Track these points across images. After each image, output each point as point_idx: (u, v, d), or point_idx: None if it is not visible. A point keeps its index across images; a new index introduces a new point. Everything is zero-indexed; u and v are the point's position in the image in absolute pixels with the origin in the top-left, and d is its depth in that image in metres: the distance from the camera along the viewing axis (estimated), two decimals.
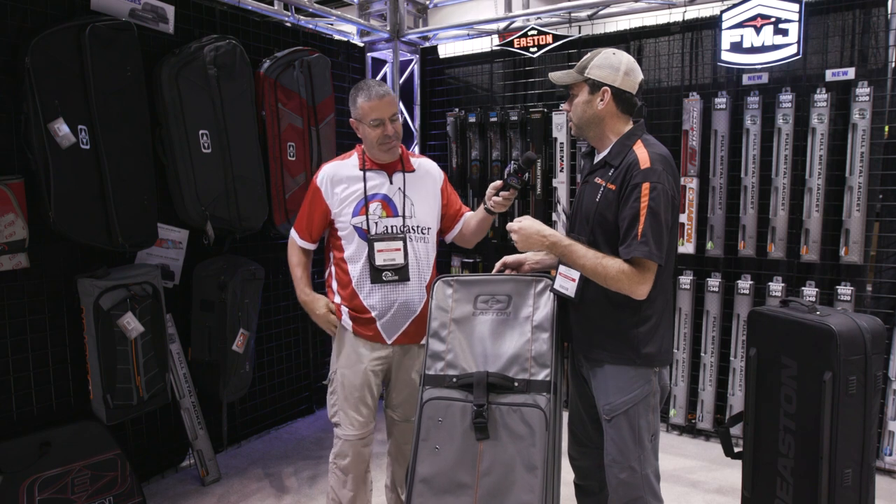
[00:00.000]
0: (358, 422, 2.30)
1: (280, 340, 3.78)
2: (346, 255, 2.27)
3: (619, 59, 1.85)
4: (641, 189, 1.72)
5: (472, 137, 4.10)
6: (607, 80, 1.85)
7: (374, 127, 2.20)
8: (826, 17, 3.18)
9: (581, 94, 1.89)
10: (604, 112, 1.86)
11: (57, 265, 2.68)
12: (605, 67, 1.85)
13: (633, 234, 1.72)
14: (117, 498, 2.65)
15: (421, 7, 4.29)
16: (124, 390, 2.65)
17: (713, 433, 3.52)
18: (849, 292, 3.08)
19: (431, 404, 1.87)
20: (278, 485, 3.14)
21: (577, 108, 1.90)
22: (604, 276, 1.76)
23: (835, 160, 3.14)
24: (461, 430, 1.82)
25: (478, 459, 1.81)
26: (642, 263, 1.73)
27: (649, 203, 1.71)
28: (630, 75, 1.85)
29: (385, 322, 2.27)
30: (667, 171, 1.77)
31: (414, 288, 2.27)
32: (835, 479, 1.93)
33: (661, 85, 3.63)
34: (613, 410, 1.85)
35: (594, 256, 1.78)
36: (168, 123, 2.81)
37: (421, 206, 2.32)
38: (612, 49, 1.89)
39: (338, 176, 2.28)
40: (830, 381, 1.90)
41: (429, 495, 1.80)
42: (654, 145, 1.84)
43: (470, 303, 1.96)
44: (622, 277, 1.73)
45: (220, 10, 3.24)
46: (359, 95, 2.23)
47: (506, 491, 1.77)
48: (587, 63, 1.88)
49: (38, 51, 2.38)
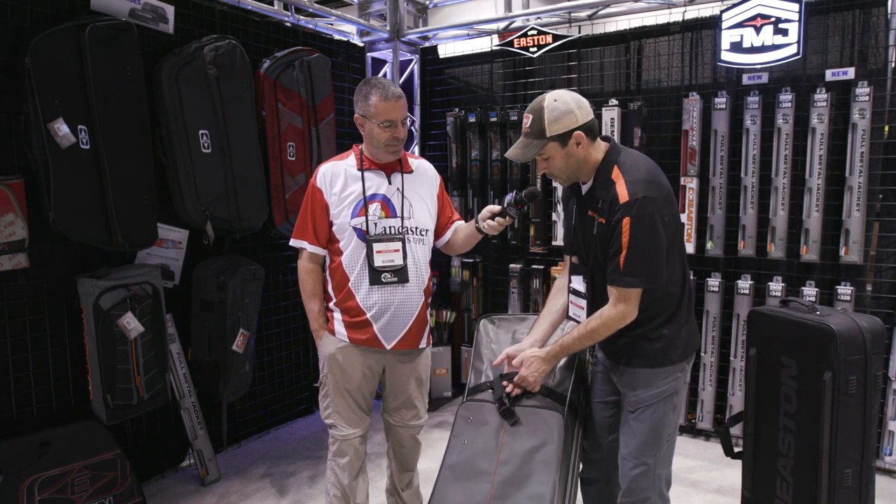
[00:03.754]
0: (353, 420, 2.28)
1: (280, 340, 3.78)
2: (343, 257, 2.21)
3: (565, 101, 1.81)
4: (622, 225, 1.77)
5: (472, 137, 4.10)
6: (571, 126, 1.81)
7: (385, 128, 2.14)
8: (826, 17, 3.18)
9: (555, 154, 1.84)
10: (584, 152, 1.85)
11: (57, 265, 2.68)
12: (562, 117, 1.80)
13: (615, 266, 1.80)
14: (117, 498, 2.65)
15: (421, 7, 4.29)
16: (124, 390, 2.65)
17: (713, 433, 3.52)
18: (849, 292, 3.08)
19: (465, 405, 2.08)
20: (278, 485, 3.14)
21: (560, 166, 1.86)
22: (602, 334, 1.87)
23: (835, 160, 3.14)
24: (487, 426, 2.00)
25: (498, 451, 1.94)
26: (618, 295, 1.82)
27: (629, 239, 1.77)
28: (582, 107, 1.83)
29: (382, 325, 2.20)
30: (649, 190, 1.77)
31: (412, 290, 2.23)
32: (835, 479, 1.93)
33: (661, 85, 3.63)
34: (640, 403, 1.89)
35: (582, 331, 1.90)
36: (168, 123, 2.81)
37: (419, 207, 2.27)
38: (549, 95, 1.84)
39: (336, 175, 2.23)
40: (830, 381, 1.90)
41: (452, 481, 1.94)
42: (631, 170, 1.82)
43: (509, 333, 2.25)
44: (611, 322, 1.84)
45: (220, 10, 3.24)
46: (372, 93, 2.14)
47: (522, 481, 1.88)
48: (541, 125, 1.81)
49: (38, 51, 2.38)
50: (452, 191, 4.15)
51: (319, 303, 2.28)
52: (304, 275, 2.28)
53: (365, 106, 2.16)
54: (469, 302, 4.27)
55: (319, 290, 2.29)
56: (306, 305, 2.30)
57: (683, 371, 1.93)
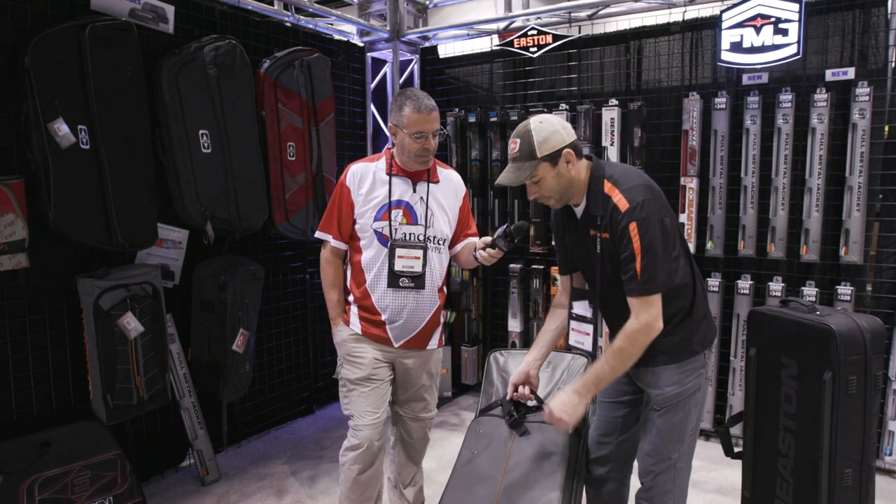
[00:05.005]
0: (368, 412, 2.30)
1: (280, 340, 3.78)
2: (363, 258, 2.29)
3: (550, 122, 1.84)
4: (629, 231, 1.76)
5: (471, 137, 4.10)
6: (560, 145, 1.82)
7: (416, 139, 2.19)
8: (826, 17, 3.18)
9: (546, 174, 1.84)
10: (573, 171, 1.85)
11: (57, 265, 2.68)
12: (550, 137, 1.81)
13: (632, 274, 1.76)
14: (117, 498, 2.65)
15: (421, 7, 4.29)
16: (124, 390, 2.65)
17: (713, 433, 3.52)
18: (849, 292, 3.08)
19: (476, 420, 2.19)
20: (278, 485, 3.14)
21: (552, 186, 1.86)
22: (631, 353, 1.79)
23: (835, 160, 3.14)
24: (496, 436, 2.09)
25: (507, 458, 2.01)
26: (643, 304, 1.77)
27: (640, 242, 1.75)
28: (566, 127, 1.86)
29: (395, 326, 2.29)
30: (646, 196, 1.78)
31: (427, 296, 2.30)
32: (835, 478, 1.93)
33: (661, 85, 3.63)
34: (667, 402, 1.89)
35: (609, 356, 1.81)
36: (168, 123, 2.81)
37: (440, 217, 2.33)
38: (533, 120, 1.85)
39: (365, 176, 2.29)
40: (830, 381, 1.90)
41: (461, 486, 2.00)
42: (622, 179, 1.82)
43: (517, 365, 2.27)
44: (638, 337, 1.78)
45: (220, 10, 3.24)
46: (406, 104, 2.20)
47: (528, 485, 1.93)
48: (530, 147, 1.82)
49: (38, 51, 2.38)
50: None
51: (339, 293, 2.38)
52: (326, 265, 2.39)
53: (398, 116, 2.23)
54: (469, 302, 4.27)
55: (340, 280, 2.39)
56: (326, 294, 2.40)
57: (705, 366, 1.93)
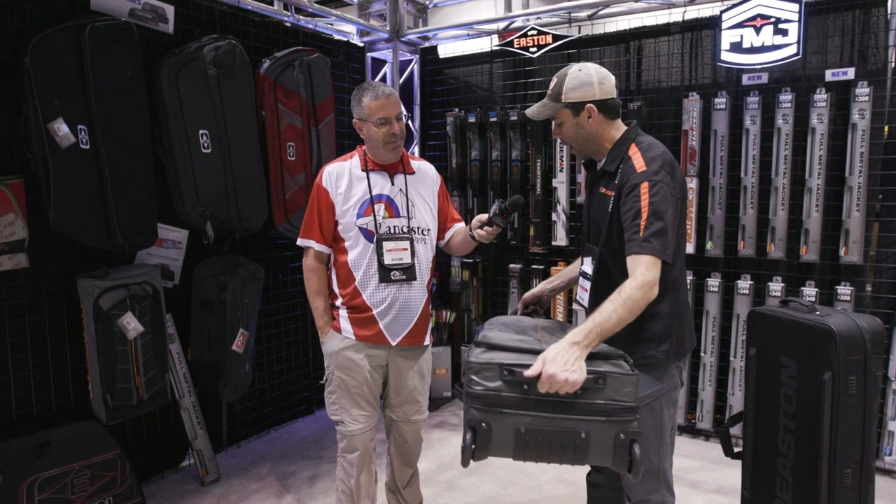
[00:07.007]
0: (362, 416, 2.31)
1: (280, 340, 3.78)
2: (349, 258, 2.26)
3: (589, 73, 1.83)
4: (640, 188, 1.71)
5: (471, 137, 4.10)
6: (587, 98, 1.82)
7: (381, 126, 2.20)
8: (826, 17, 3.18)
9: (566, 120, 1.86)
10: (595, 127, 1.85)
11: (57, 265, 2.68)
12: (580, 87, 1.82)
13: (634, 232, 1.68)
14: (117, 498, 2.65)
15: (421, 7, 4.29)
16: (124, 390, 2.65)
17: (713, 433, 3.52)
18: (848, 292, 3.08)
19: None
20: (278, 485, 3.14)
21: (570, 134, 1.88)
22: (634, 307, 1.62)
23: (834, 160, 3.14)
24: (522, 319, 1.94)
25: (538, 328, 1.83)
26: (646, 262, 1.65)
27: (650, 200, 1.69)
28: (605, 83, 1.84)
29: (388, 322, 2.26)
30: (665, 169, 1.75)
31: (417, 288, 2.29)
32: (834, 479, 1.93)
33: (661, 85, 3.63)
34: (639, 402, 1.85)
35: (615, 303, 1.62)
36: (168, 123, 2.81)
37: (421, 207, 2.33)
38: (577, 65, 1.86)
39: (341, 175, 2.28)
40: (830, 381, 1.90)
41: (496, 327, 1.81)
42: (650, 148, 1.81)
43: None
44: (637, 294, 1.62)
45: (219, 9, 3.24)
46: (363, 95, 2.22)
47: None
48: (560, 89, 1.84)
49: (38, 51, 2.38)
50: (452, 191, 4.15)
51: (324, 300, 2.34)
52: (310, 273, 2.33)
53: (359, 109, 2.25)
54: (469, 302, 4.27)
55: (324, 287, 2.35)
56: (311, 303, 2.36)
57: (679, 369, 1.91)
